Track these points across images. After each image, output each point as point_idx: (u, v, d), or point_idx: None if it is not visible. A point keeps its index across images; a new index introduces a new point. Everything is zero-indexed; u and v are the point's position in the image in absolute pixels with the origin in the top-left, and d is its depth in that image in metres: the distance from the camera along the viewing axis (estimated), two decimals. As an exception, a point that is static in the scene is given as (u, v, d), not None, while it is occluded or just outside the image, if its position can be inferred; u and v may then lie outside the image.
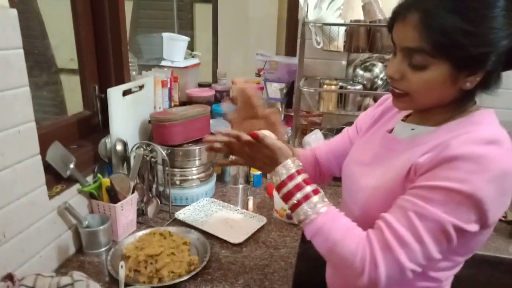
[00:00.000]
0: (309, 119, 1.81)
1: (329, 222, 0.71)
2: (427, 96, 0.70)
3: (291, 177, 0.75)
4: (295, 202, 0.74)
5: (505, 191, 0.65)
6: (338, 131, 1.75)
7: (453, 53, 0.64)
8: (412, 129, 0.78)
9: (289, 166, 0.77)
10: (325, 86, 1.57)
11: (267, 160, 0.79)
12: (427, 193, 0.64)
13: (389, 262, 0.64)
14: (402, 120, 0.83)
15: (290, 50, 1.90)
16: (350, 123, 1.79)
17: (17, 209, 0.88)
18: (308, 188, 0.74)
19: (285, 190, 0.76)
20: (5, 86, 0.81)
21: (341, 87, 1.57)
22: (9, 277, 0.81)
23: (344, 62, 1.75)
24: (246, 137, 0.79)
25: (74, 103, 1.53)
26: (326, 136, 1.65)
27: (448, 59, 0.65)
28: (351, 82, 1.62)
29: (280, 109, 1.83)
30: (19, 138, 0.86)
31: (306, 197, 0.73)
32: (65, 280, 0.84)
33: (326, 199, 0.75)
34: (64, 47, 1.38)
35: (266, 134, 0.81)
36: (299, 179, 0.75)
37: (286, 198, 0.76)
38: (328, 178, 1.07)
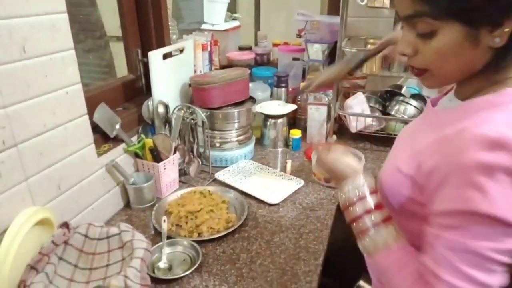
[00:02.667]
0: (352, 81, 1.74)
1: (388, 263, 0.66)
2: (447, 66, 0.60)
3: (360, 198, 0.70)
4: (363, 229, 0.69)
5: None
6: (382, 94, 1.67)
7: (455, 7, 0.54)
8: (450, 100, 0.70)
9: (359, 183, 0.71)
10: (369, 46, 1.49)
11: (333, 174, 0.79)
12: (450, 220, 0.57)
13: None
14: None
15: (333, 9, 1.81)
16: (395, 86, 1.71)
17: (70, 164, 0.96)
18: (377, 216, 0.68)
19: (351, 212, 0.71)
20: (53, 49, 0.86)
21: (386, 47, 1.48)
22: (65, 225, 0.90)
23: (392, 20, 1.64)
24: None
25: (120, 68, 1.59)
26: (369, 100, 1.59)
27: (453, 16, 0.55)
28: (398, 41, 1.52)
29: (322, 70, 1.77)
30: (68, 99, 0.92)
31: (375, 225, 0.68)
32: (113, 230, 0.92)
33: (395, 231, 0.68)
34: (111, 15, 1.44)
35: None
36: (368, 202, 0.69)
37: (351, 220, 0.71)
38: None
